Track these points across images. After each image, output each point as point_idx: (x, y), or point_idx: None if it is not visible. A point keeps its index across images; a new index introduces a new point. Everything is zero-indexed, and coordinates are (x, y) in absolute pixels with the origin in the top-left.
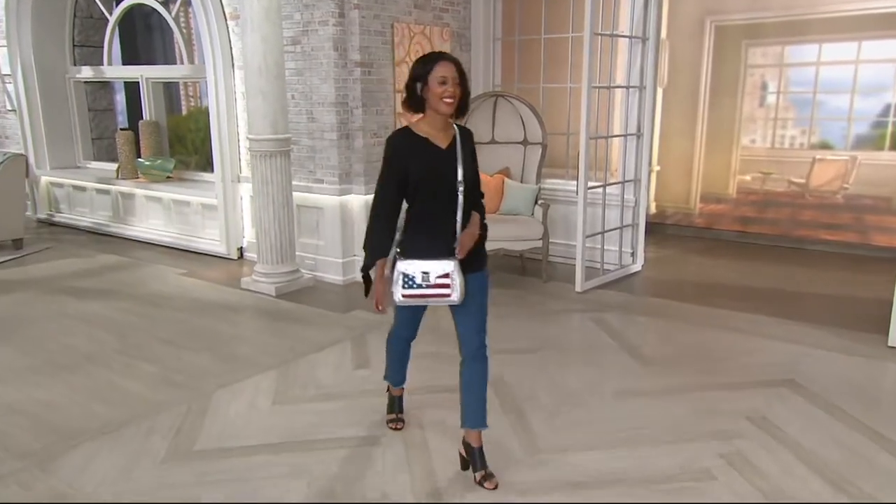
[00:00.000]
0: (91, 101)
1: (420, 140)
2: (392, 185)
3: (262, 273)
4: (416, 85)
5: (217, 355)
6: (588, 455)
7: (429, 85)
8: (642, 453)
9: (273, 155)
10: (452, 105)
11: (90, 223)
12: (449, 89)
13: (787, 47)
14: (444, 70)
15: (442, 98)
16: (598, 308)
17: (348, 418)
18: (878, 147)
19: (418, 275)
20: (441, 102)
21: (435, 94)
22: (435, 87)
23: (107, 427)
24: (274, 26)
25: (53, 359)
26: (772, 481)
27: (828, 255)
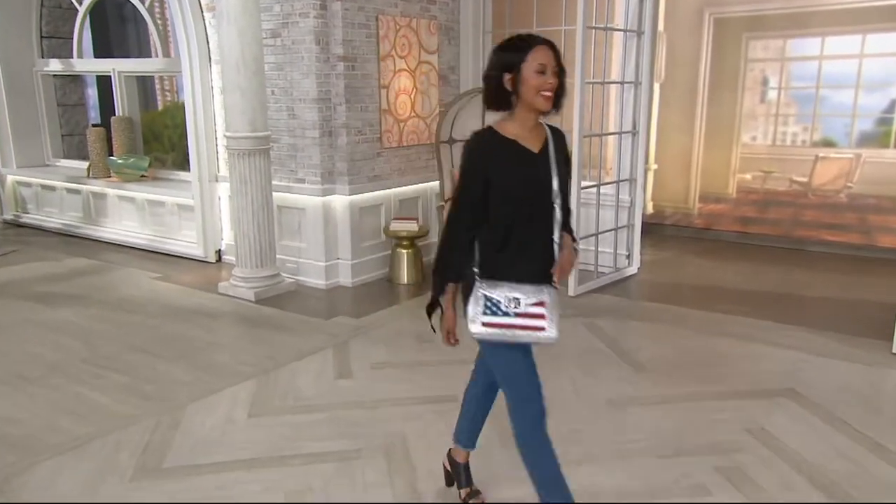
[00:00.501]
0: (60, 95)
1: (508, 143)
2: (475, 197)
3: (241, 277)
4: (503, 76)
5: (191, 365)
6: (578, 469)
7: (522, 75)
8: (635, 467)
9: (252, 154)
10: (551, 100)
11: (60, 224)
12: (549, 80)
13: (788, 41)
14: (542, 56)
15: (540, 91)
16: (591, 313)
17: (328, 431)
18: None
19: (504, 300)
20: (538, 97)
21: (531, 87)
22: (531, 78)
23: (71, 442)
24: (252, 19)
25: (16, 369)
26: (770, 496)
27: (830, 256)
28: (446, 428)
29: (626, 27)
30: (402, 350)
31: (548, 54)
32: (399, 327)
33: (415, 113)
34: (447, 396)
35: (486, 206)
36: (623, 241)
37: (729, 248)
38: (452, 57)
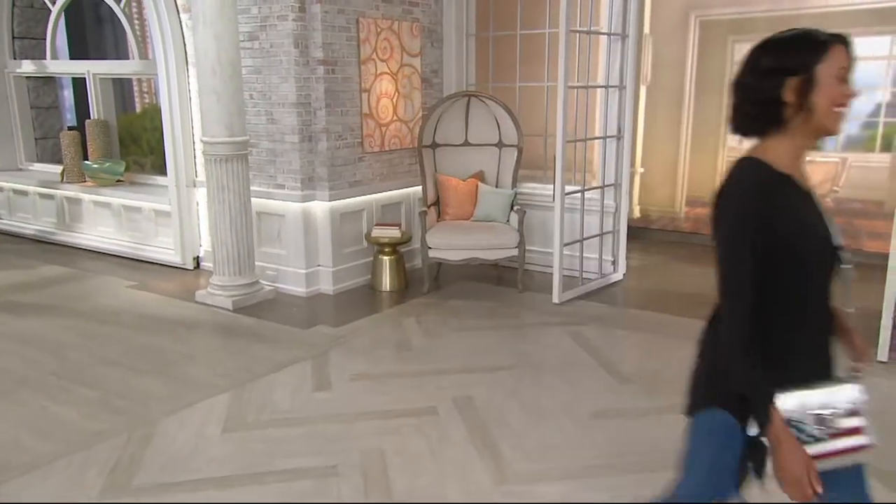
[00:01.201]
0: (34, 97)
1: (784, 180)
2: (753, 261)
3: (219, 286)
4: (786, 81)
5: (165, 377)
6: (560, 485)
7: (819, 81)
8: (618, 483)
9: (229, 159)
10: (844, 119)
11: (34, 230)
12: (849, 91)
13: None
14: (843, 58)
15: (836, 105)
16: (576, 321)
17: (305, 446)
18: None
19: (810, 418)
20: (833, 113)
21: (828, 99)
22: (830, 86)
23: (36, 461)
24: (229, 22)
25: None
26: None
27: None
28: (425, 443)
29: (611, 30)
30: (381, 360)
31: (848, 57)
32: (379, 336)
33: (397, 117)
34: (426, 409)
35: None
36: (608, 247)
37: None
38: (435, 60)
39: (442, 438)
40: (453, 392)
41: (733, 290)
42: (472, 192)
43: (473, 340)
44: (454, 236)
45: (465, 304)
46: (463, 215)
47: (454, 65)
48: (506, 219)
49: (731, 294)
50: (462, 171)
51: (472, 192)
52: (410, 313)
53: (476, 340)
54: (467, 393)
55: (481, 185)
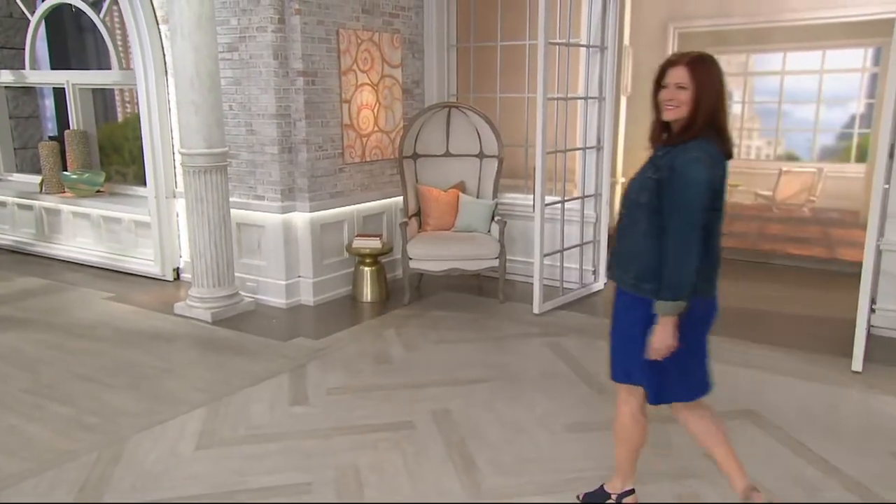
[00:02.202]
0: (13, 107)
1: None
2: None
3: (197, 297)
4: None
5: (140, 393)
6: (535, 500)
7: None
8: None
9: (207, 171)
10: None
11: (11, 241)
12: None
13: (751, 55)
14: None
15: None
16: (556, 332)
17: (279, 463)
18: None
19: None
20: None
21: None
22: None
23: (3, 482)
24: (207, 34)
25: None
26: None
27: (795, 270)
28: (401, 458)
29: (589, 42)
30: (360, 374)
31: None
32: (359, 349)
33: (378, 128)
34: (403, 423)
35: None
36: (589, 257)
37: None
38: (416, 71)
39: (418, 453)
40: (431, 405)
41: (696, 225)
42: (453, 203)
43: (453, 353)
44: (435, 247)
45: (446, 315)
46: (444, 226)
47: (435, 76)
48: (487, 229)
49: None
50: (443, 181)
51: (453, 202)
52: (391, 325)
53: (456, 352)
54: (445, 406)
55: (462, 195)
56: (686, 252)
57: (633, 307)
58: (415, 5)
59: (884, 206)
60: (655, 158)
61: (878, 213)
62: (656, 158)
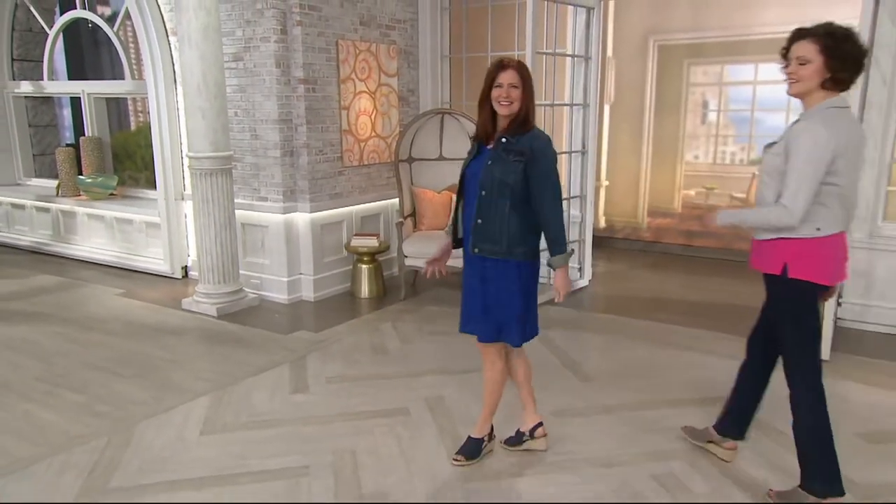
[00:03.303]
0: (32, 116)
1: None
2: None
3: (204, 293)
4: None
5: (148, 382)
6: (522, 481)
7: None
8: (576, 478)
9: (213, 173)
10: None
11: (31, 242)
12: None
13: (726, 66)
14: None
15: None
16: (543, 325)
17: (279, 448)
18: None
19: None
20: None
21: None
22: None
23: (13, 465)
24: (213, 44)
25: None
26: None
27: None
28: (396, 442)
29: (574, 52)
30: (357, 364)
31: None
32: (357, 341)
33: (375, 133)
34: (398, 409)
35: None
36: (575, 255)
37: (676, 260)
38: (412, 80)
39: (413, 438)
40: (425, 393)
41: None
42: (447, 204)
43: (446, 344)
44: (429, 246)
45: (440, 310)
46: (438, 226)
47: (429, 84)
48: None
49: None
50: (437, 183)
51: (447, 203)
52: (387, 319)
53: (449, 344)
54: (439, 393)
55: (455, 197)
56: (561, 214)
57: (507, 270)
58: (410, 18)
59: None
60: (504, 146)
61: None
62: (506, 146)
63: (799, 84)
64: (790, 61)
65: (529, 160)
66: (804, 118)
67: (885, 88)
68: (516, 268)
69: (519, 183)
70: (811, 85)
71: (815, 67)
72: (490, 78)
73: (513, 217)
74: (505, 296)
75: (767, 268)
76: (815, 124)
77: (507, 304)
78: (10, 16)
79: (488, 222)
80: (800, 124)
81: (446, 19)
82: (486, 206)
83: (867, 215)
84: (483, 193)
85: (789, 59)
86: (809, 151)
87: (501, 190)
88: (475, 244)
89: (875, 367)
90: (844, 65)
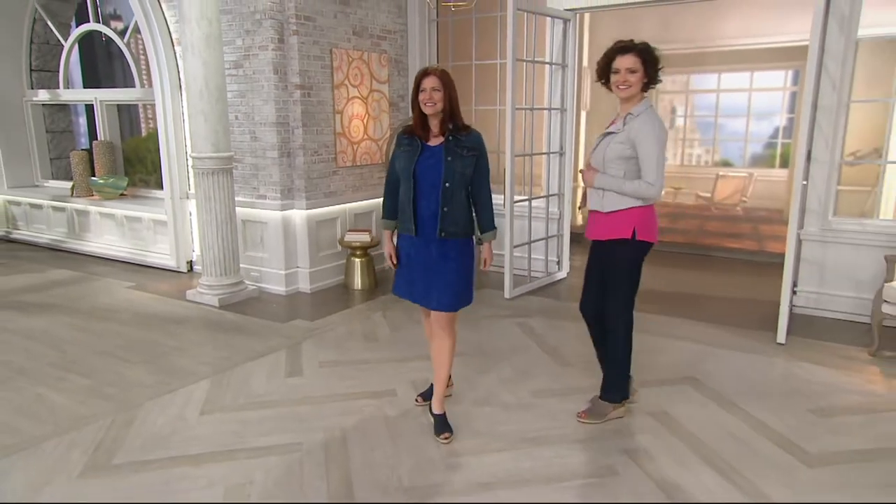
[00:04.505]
0: (49, 122)
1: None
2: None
3: (206, 285)
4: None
5: (153, 367)
6: (501, 456)
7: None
8: (552, 452)
9: (215, 172)
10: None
11: (48, 239)
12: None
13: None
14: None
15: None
16: (524, 314)
17: (274, 426)
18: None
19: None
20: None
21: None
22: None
23: (25, 443)
24: (214, 52)
25: None
26: (667, 474)
27: (730, 261)
28: (383, 421)
29: (552, 60)
30: (349, 350)
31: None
32: (349, 329)
33: (367, 136)
34: (386, 391)
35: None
36: (554, 249)
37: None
38: (402, 86)
39: (399, 417)
40: (412, 376)
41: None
42: None
43: None
44: None
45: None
46: None
47: None
48: None
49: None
50: None
51: None
52: (378, 309)
53: None
54: (425, 377)
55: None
56: (491, 199)
57: (464, 248)
58: (400, 29)
59: (802, 201)
60: (454, 144)
61: (797, 207)
62: (457, 144)
63: (631, 88)
64: (619, 71)
65: (479, 155)
66: (640, 114)
67: (834, 93)
68: (470, 246)
69: (471, 175)
70: (638, 88)
71: (640, 75)
72: (416, 84)
73: (466, 203)
74: (465, 271)
75: (618, 234)
76: (653, 117)
77: (467, 278)
78: (29, 30)
79: (454, 209)
80: (640, 118)
81: (434, 30)
82: (451, 196)
83: (820, 211)
84: (447, 185)
85: (616, 69)
86: (658, 138)
87: (461, 182)
88: (443, 229)
89: (827, 350)
90: (654, 71)
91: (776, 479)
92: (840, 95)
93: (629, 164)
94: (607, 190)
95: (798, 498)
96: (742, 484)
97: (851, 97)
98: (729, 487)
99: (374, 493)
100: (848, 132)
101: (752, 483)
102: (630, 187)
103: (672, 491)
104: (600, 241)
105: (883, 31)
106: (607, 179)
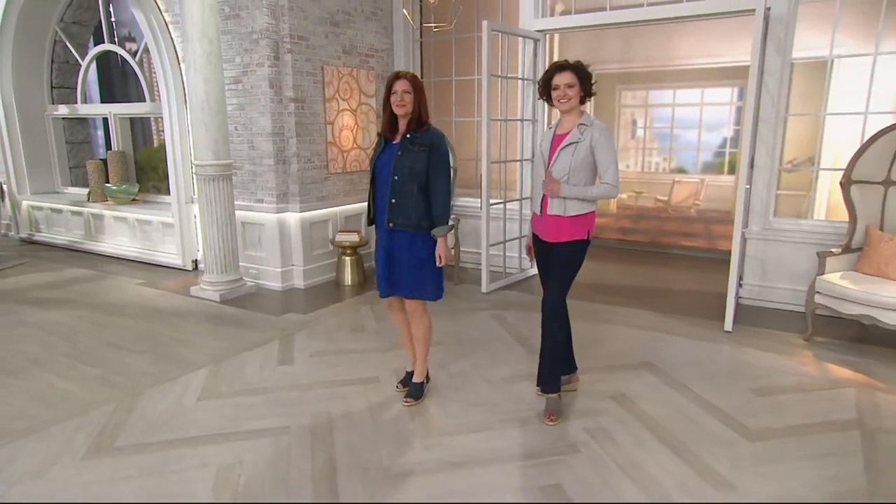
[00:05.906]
0: (69, 134)
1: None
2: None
3: (208, 282)
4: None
5: (157, 357)
6: (473, 436)
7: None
8: (520, 433)
9: (216, 178)
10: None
11: (66, 241)
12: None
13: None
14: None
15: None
16: (499, 306)
17: (266, 411)
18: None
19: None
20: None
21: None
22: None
23: (35, 427)
24: (215, 69)
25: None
26: (625, 452)
27: (686, 258)
28: (366, 406)
29: (524, 76)
30: (339, 340)
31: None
32: (339, 321)
33: (356, 145)
34: (370, 378)
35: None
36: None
37: (612, 252)
38: None
39: (381, 402)
40: (395, 364)
41: (449, 180)
42: None
43: None
44: None
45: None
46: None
47: None
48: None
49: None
50: None
51: None
52: (366, 303)
53: None
54: (406, 365)
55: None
56: (448, 195)
57: (416, 241)
58: (386, 48)
59: (746, 203)
60: (409, 140)
61: (742, 209)
62: (411, 140)
63: (571, 101)
64: (559, 87)
65: (431, 150)
66: (592, 123)
67: (773, 108)
68: (424, 239)
69: (424, 172)
70: (577, 101)
71: (577, 89)
72: (388, 87)
73: (419, 197)
74: (418, 263)
75: (579, 235)
76: (603, 126)
77: (422, 270)
78: (50, 51)
79: (403, 201)
80: (596, 127)
81: (417, 49)
82: (399, 189)
83: (762, 212)
84: (396, 178)
85: (556, 86)
86: (612, 144)
87: (411, 175)
88: (390, 219)
89: (768, 336)
90: (589, 85)
91: (721, 454)
92: (778, 110)
93: (589, 171)
94: (571, 198)
95: (739, 470)
96: (691, 460)
97: (789, 111)
98: (679, 463)
99: (355, 472)
100: (786, 142)
101: (700, 458)
102: (596, 192)
103: (628, 467)
104: (560, 242)
105: (814, 54)
106: (574, 190)
